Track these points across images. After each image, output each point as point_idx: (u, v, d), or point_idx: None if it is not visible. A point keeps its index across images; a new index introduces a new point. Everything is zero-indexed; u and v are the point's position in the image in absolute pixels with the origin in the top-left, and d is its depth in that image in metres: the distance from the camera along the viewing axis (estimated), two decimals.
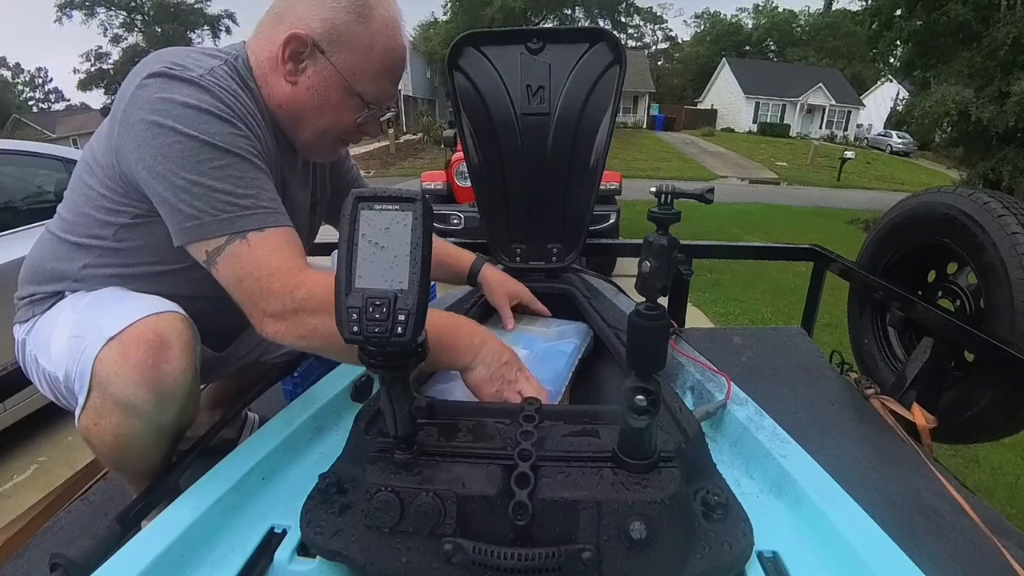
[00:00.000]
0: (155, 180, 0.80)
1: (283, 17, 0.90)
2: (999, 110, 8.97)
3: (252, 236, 0.81)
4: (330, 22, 0.87)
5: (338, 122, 0.97)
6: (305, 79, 0.91)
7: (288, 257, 0.82)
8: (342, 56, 0.90)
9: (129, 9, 36.19)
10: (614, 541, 0.63)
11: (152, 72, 0.80)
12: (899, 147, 29.73)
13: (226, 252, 0.80)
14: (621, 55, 1.32)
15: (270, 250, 0.81)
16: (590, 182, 1.40)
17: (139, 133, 0.79)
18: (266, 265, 0.80)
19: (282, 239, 0.84)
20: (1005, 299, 1.21)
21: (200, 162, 0.79)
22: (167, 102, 0.78)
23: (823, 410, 1.46)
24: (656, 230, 0.63)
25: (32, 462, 2.65)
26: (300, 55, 0.89)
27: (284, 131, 0.97)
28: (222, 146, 0.80)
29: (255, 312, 0.82)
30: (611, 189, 5.27)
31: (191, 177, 0.78)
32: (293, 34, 0.87)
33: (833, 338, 3.24)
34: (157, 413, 0.82)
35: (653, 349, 0.65)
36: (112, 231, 0.91)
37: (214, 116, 0.80)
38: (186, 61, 0.83)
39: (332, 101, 0.93)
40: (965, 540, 1.00)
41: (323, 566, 0.70)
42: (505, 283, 1.31)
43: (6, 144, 3.05)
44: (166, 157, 0.78)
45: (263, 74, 0.92)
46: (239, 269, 0.81)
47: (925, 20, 9.93)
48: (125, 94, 0.82)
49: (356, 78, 0.92)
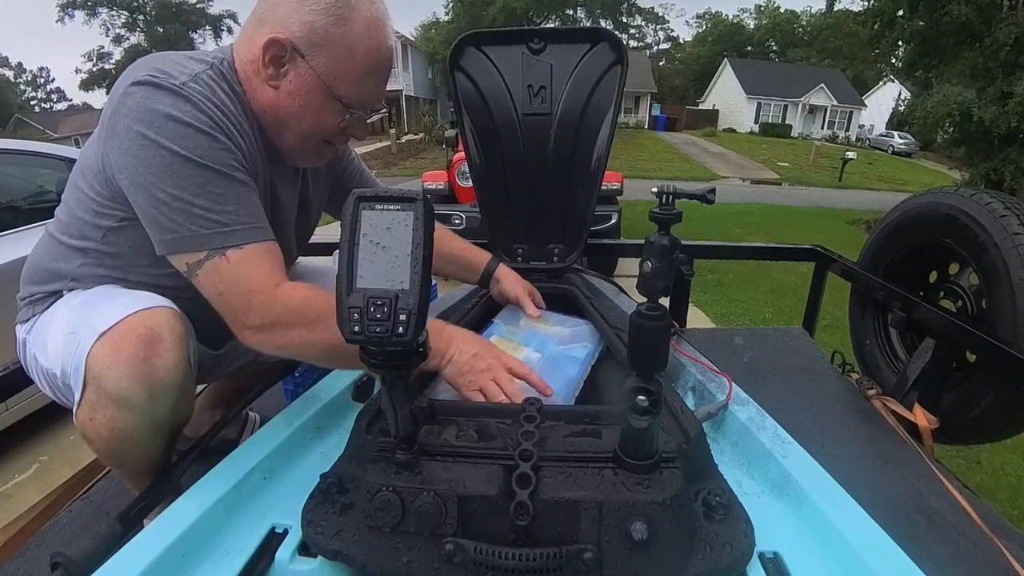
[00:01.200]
0: (136, 191, 0.82)
1: (264, 20, 0.89)
2: (1001, 111, 8.97)
3: (231, 253, 0.83)
4: (309, 25, 0.86)
5: (321, 126, 0.95)
6: (287, 83, 0.90)
7: (267, 273, 0.85)
8: (322, 60, 0.88)
9: (131, 9, 36.32)
10: (615, 541, 0.62)
11: (137, 80, 0.80)
12: (901, 147, 29.71)
13: (206, 267, 0.83)
14: (623, 55, 1.32)
15: (249, 268, 0.84)
16: (591, 182, 1.41)
17: (123, 142, 0.80)
18: (245, 281, 0.84)
19: (261, 255, 0.86)
20: (1007, 300, 1.21)
21: (181, 177, 0.80)
22: (150, 112, 0.79)
23: (824, 411, 1.46)
24: (657, 230, 0.63)
25: (33, 461, 2.65)
26: (281, 59, 0.88)
27: (269, 135, 0.97)
28: (203, 162, 0.81)
29: (235, 324, 0.86)
30: (612, 189, 5.27)
31: (171, 191, 0.80)
32: (272, 38, 0.86)
33: (835, 339, 3.24)
34: (150, 407, 0.82)
35: (654, 349, 0.65)
36: (101, 234, 0.92)
37: (195, 129, 0.81)
38: (171, 68, 0.83)
39: (313, 105, 0.92)
40: (966, 541, 1.00)
41: (324, 566, 0.70)
42: (519, 281, 1.33)
43: (8, 144, 3.05)
44: (147, 169, 0.80)
45: (247, 78, 0.92)
46: (219, 284, 0.84)
47: (927, 20, 9.92)
48: (113, 100, 0.82)
49: (336, 82, 0.90)
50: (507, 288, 1.30)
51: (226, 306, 0.85)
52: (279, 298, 0.84)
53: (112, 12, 36.14)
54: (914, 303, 1.44)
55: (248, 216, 0.86)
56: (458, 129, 1.46)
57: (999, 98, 9.06)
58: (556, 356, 1.12)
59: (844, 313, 1.88)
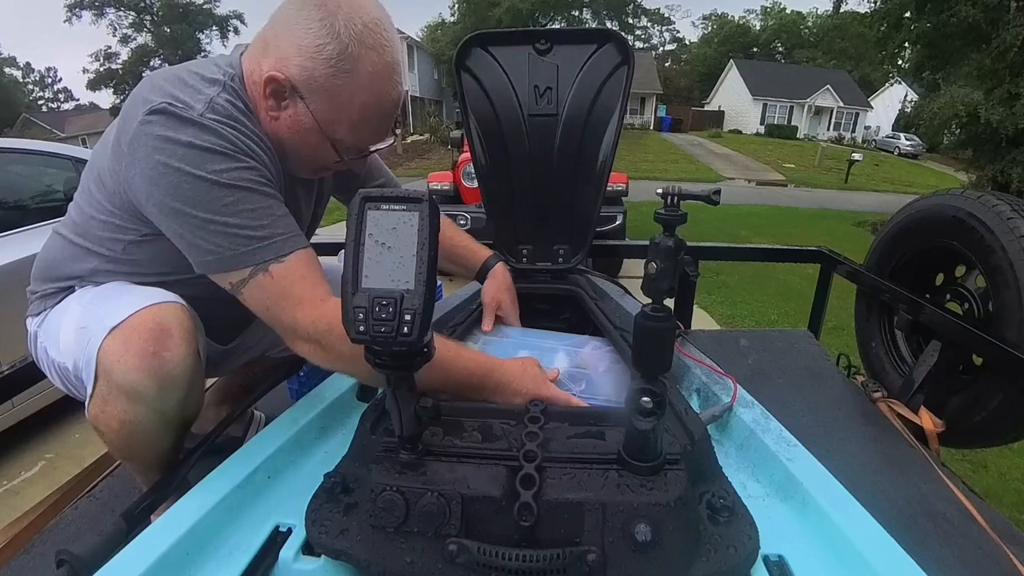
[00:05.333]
0: (168, 218, 0.82)
1: (268, 47, 0.88)
2: (1008, 112, 8.90)
3: (273, 267, 0.84)
4: (309, 71, 0.84)
5: (317, 160, 0.96)
6: (286, 116, 0.89)
7: (311, 286, 0.85)
8: (319, 106, 0.87)
9: (138, 10, 36.47)
10: (619, 543, 0.62)
11: (155, 108, 0.80)
12: (907, 149, 29.57)
13: (250, 284, 0.84)
14: (629, 56, 1.32)
15: (292, 280, 0.85)
16: (597, 183, 1.40)
17: (146, 171, 0.80)
18: (291, 295, 0.84)
19: (302, 266, 0.86)
20: (1014, 302, 1.21)
21: (211, 200, 0.80)
22: (172, 142, 0.79)
23: (830, 413, 1.45)
24: (663, 231, 0.63)
25: (40, 459, 2.66)
26: (281, 94, 0.87)
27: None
28: (229, 183, 0.81)
29: (286, 334, 0.87)
30: (618, 190, 5.26)
31: (204, 215, 0.80)
32: (271, 76, 0.85)
33: (840, 341, 3.23)
34: (160, 400, 0.83)
35: (659, 351, 0.65)
36: (121, 246, 0.93)
37: (218, 154, 0.81)
38: (187, 95, 0.83)
39: (310, 144, 0.92)
40: (973, 546, 1.00)
41: (328, 565, 0.70)
42: (501, 289, 1.30)
43: (16, 143, 3.08)
44: (176, 197, 0.80)
45: (253, 98, 0.91)
46: (265, 299, 0.84)
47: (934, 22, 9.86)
48: (129, 124, 0.82)
49: (333, 128, 0.89)
50: (484, 291, 1.30)
51: (274, 319, 0.86)
52: (325, 314, 0.83)
53: (119, 12, 36.28)
54: (920, 305, 1.43)
55: (283, 227, 0.86)
56: (464, 130, 1.46)
57: (1007, 100, 9.00)
58: (607, 369, 1.10)
59: (850, 315, 1.88)
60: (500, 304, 1.28)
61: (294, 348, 0.88)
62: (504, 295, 1.29)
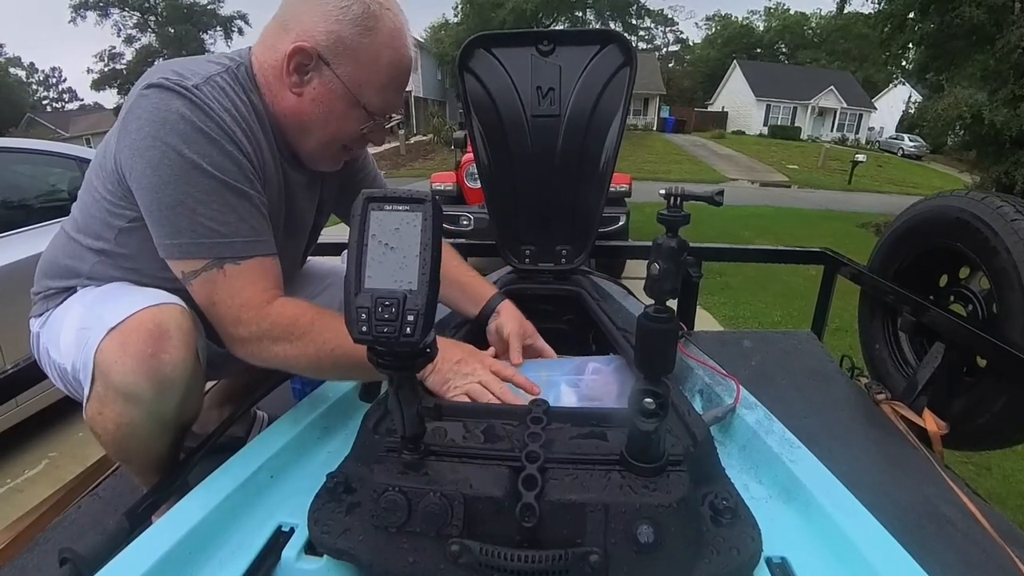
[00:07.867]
0: (143, 192, 0.83)
1: (288, 26, 0.90)
2: (1013, 113, 8.89)
3: (228, 267, 0.85)
4: (336, 35, 0.87)
5: (343, 132, 0.97)
6: (310, 90, 0.91)
7: (260, 290, 0.87)
8: (347, 69, 0.90)
9: (142, 10, 36.54)
10: (621, 544, 0.62)
11: (151, 82, 0.82)
12: (911, 150, 29.50)
13: (202, 276, 0.85)
14: (632, 57, 1.32)
15: (244, 282, 0.86)
16: (600, 184, 1.40)
17: (134, 143, 0.82)
18: (239, 295, 0.86)
19: (258, 271, 0.88)
20: (1018, 303, 1.20)
21: (188, 183, 0.82)
22: (161, 114, 0.80)
23: (833, 415, 1.44)
24: (666, 232, 0.63)
25: (43, 457, 2.68)
26: (305, 67, 0.90)
27: (288, 139, 0.98)
28: (210, 170, 0.82)
29: (225, 335, 0.89)
30: (621, 191, 5.25)
31: (177, 196, 0.82)
32: (298, 47, 0.87)
33: (843, 343, 3.22)
34: (157, 402, 0.83)
35: (662, 352, 0.65)
36: (113, 234, 0.93)
37: (204, 136, 0.82)
38: (184, 71, 0.84)
39: (337, 112, 0.94)
40: (976, 548, 0.99)
41: (330, 565, 0.70)
42: (523, 319, 1.21)
43: (21, 143, 3.09)
44: (155, 172, 0.81)
45: (267, 82, 0.93)
46: (213, 294, 0.86)
47: (938, 23, 9.85)
48: (128, 101, 0.84)
49: (361, 90, 0.92)
50: (504, 321, 1.17)
51: (216, 316, 0.87)
52: (269, 313, 0.86)
53: (124, 13, 36.35)
54: (924, 307, 1.43)
55: (250, 229, 0.87)
56: (467, 130, 1.46)
57: (1011, 101, 8.99)
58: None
59: (853, 317, 1.87)
60: (526, 333, 1.17)
61: (232, 350, 0.90)
62: (528, 325, 1.19)
